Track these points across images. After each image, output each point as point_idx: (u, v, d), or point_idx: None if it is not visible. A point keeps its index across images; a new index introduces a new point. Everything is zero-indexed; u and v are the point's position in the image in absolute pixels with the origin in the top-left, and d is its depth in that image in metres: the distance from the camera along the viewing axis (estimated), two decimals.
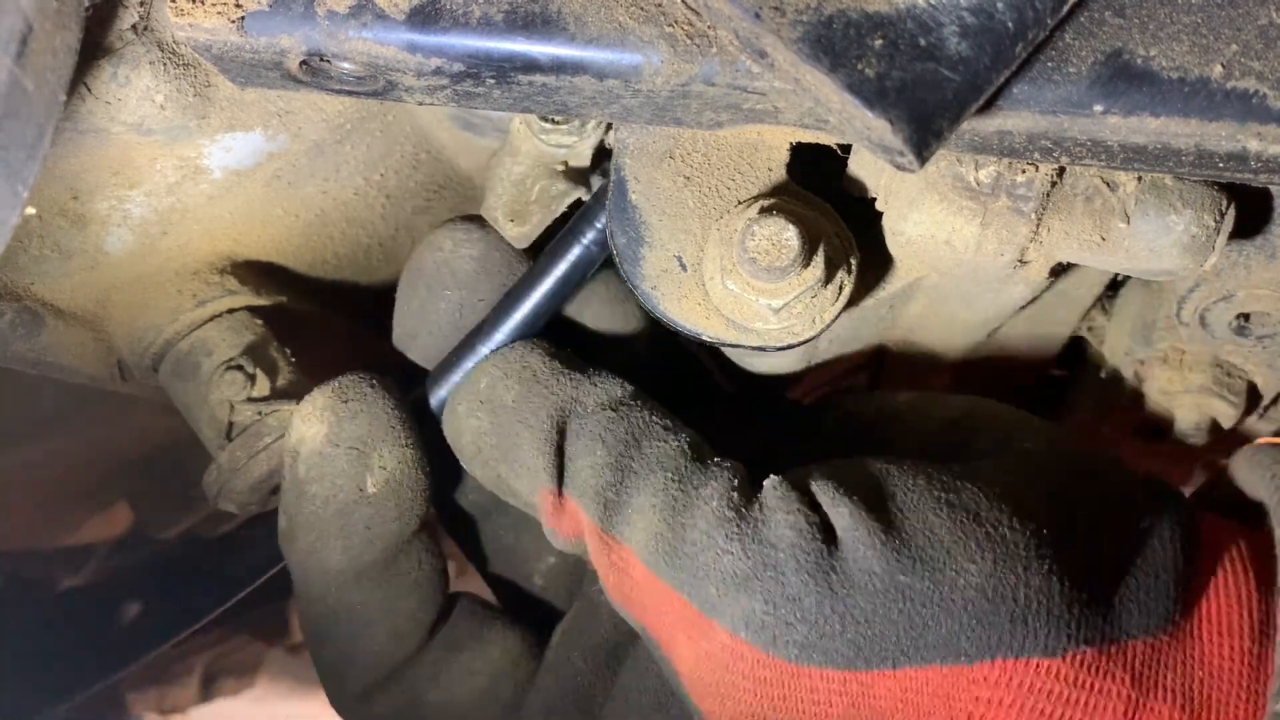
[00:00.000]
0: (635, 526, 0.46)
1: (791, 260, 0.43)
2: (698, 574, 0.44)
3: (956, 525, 0.43)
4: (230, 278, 0.57)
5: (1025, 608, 0.42)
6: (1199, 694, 0.42)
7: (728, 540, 0.44)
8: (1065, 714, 0.42)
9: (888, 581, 0.42)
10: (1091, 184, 0.45)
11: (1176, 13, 0.38)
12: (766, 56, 0.37)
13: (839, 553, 0.43)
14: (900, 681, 0.42)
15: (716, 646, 0.43)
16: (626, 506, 0.46)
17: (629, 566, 0.46)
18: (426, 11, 0.40)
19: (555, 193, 0.52)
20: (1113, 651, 0.42)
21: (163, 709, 1.10)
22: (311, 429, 0.51)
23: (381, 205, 0.60)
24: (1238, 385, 0.61)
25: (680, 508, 0.45)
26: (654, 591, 0.45)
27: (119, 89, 0.44)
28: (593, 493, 0.47)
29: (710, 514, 0.44)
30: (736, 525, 0.44)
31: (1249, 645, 0.43)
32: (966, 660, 0.42)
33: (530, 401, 0.50)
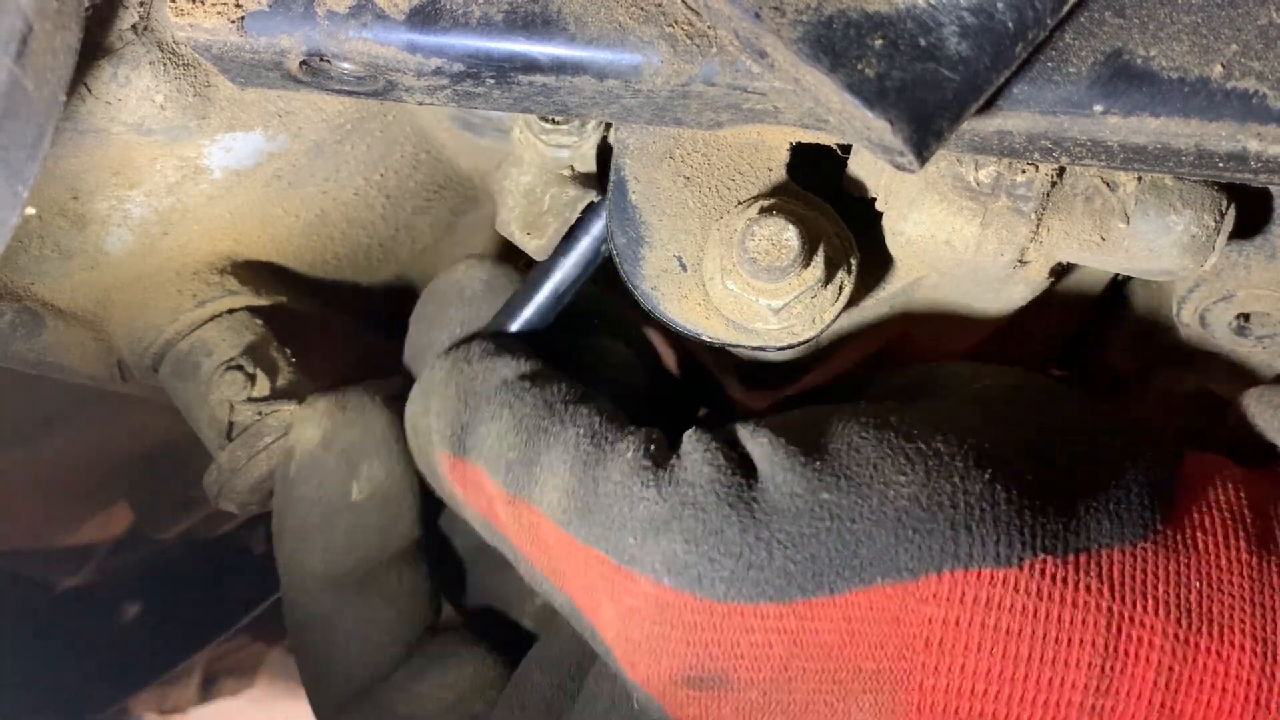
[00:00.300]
0: (545, 486, 0.43)
1: (791, 260, 0.43)
2: (613, 525, 0.41)
3: (883, 444, 0.41)
4: (230, 278, 0.57)
5: (968, 514, 0.39)
6: (1198, 607, 0.38)
7: (644, 487, 0.41)
8: (1035, 630, 0.38)
9: (811, 500, 0.39)
10: (1091, 184, 0.45)
11: (1176, 13, 0.38)
12: (766, 56, 0.37)
13: (759, 483, 0.41)
14: (840, 608, 0.39)
15: (640, 599, 0.41)
16: (534, 465, 0.44)
17: (541, 530, 0.44)
18: (426, 11, 0.40)
19: (567, 199, 0.52)
20: (1081, 561, 0.38)
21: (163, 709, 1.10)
22: (307, 432, 0.52)
23: (381, 205, 0.60)
24: (1238, 386, 0.60)
25: (593, 462, 0.43)
26: (570, 553, 0.42)
27: (119, 89, 0.44)
28: (494, 454, 0.45)
29: (625, 465, 0.42)
30: (653, 472, 0.41)
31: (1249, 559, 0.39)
32: (909, 575, 0.38)
33: (452, 378, 0.49)
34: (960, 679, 0.38)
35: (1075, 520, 0.39)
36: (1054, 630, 0.38)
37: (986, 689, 0.38)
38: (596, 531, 0.42)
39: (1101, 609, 0.38)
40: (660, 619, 0.40)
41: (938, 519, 0.39)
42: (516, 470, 0.44)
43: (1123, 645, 0.38)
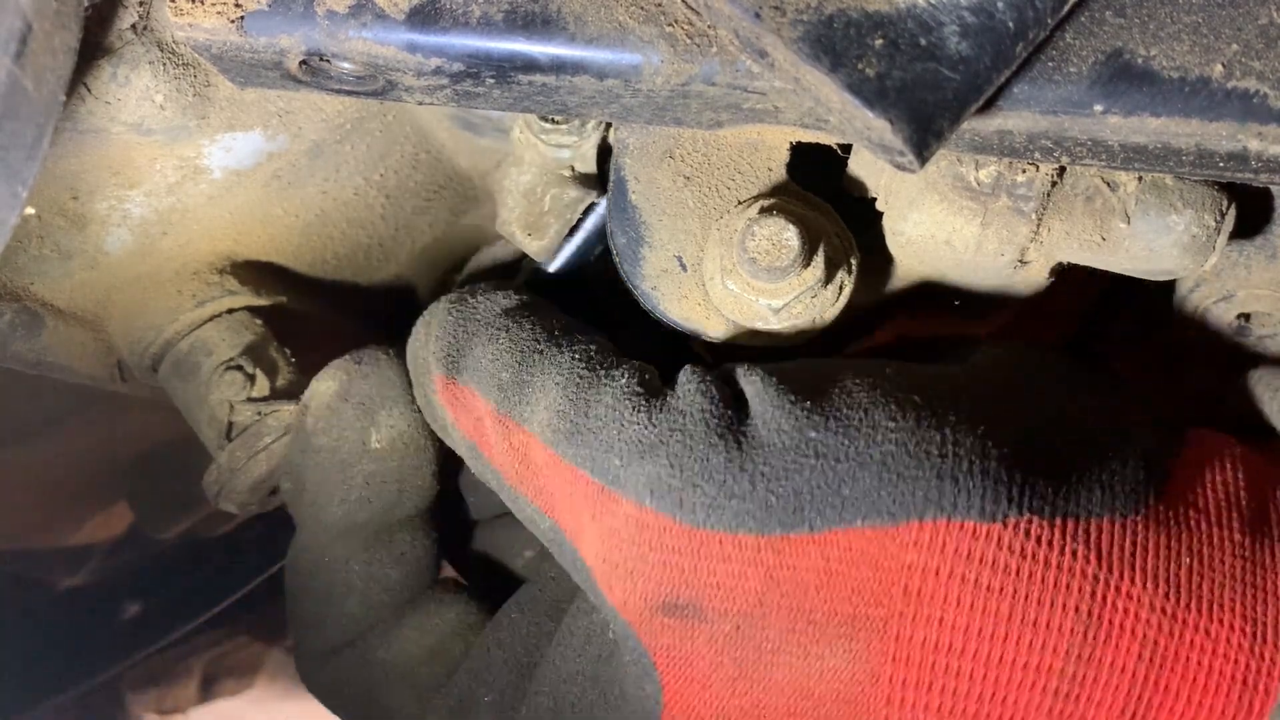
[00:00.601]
0: (536, 406, 0.43)
1: (791, 260, 0.43)
2: (600, 447, 0.41)
3: (876, 389, 0.40)
4: (230, 278, 0.57)
5: (955, 464, 0.38)
6: (1188, 583, 0.37)
7: (635, 412, 0.41)
8: (1016, 589, 0.37)
9: (798, 437, 0.39)
10: (1092, 184, 0.45)
11: (1177, 12, 0.38)
12: (767, 56, 0.37)
13: (749, 418, 0.41)
14: (820, 547, 0.38)
15: (621, 520, 0.41)
16: (527, 387, 0.44)
17: (530, 450, 0.44)
18: (426, 11, 0.40)
19: (568, 200, 0.52)
20: (1069, 526, 0.38)
21: (163, 709, 1.10)
22: (324, 385, 0.52)
23: (381, 205, 0.60)
24: None
25: (586, 386, 0.42)
26: (557, 473, 0.43)
27: (118, 89, 0.44)
28: (488, 375, 0.45)
29: (618, 389, 0.42)
30: (645, 399, 0.42)
31: (1241, 539, 0.39)
32: (890, 519, 0.38)
33: (452, 311, 0.48)
34: (938, 632, 0.38)
35: (1066, 486, 0.39)
36: (1036, 591, 0.37)
37: (964, 645, 0.38)
38: (584, 452, 0.41)
39: (1087, 575, 0.37)
40: (639, 540, 0.40)
41: (924, 466, 0.38)
42: (509, 390, 0.44)
43: (1107, 614, 0.37)
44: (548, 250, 0.53)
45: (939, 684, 0.38)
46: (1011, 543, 0.37)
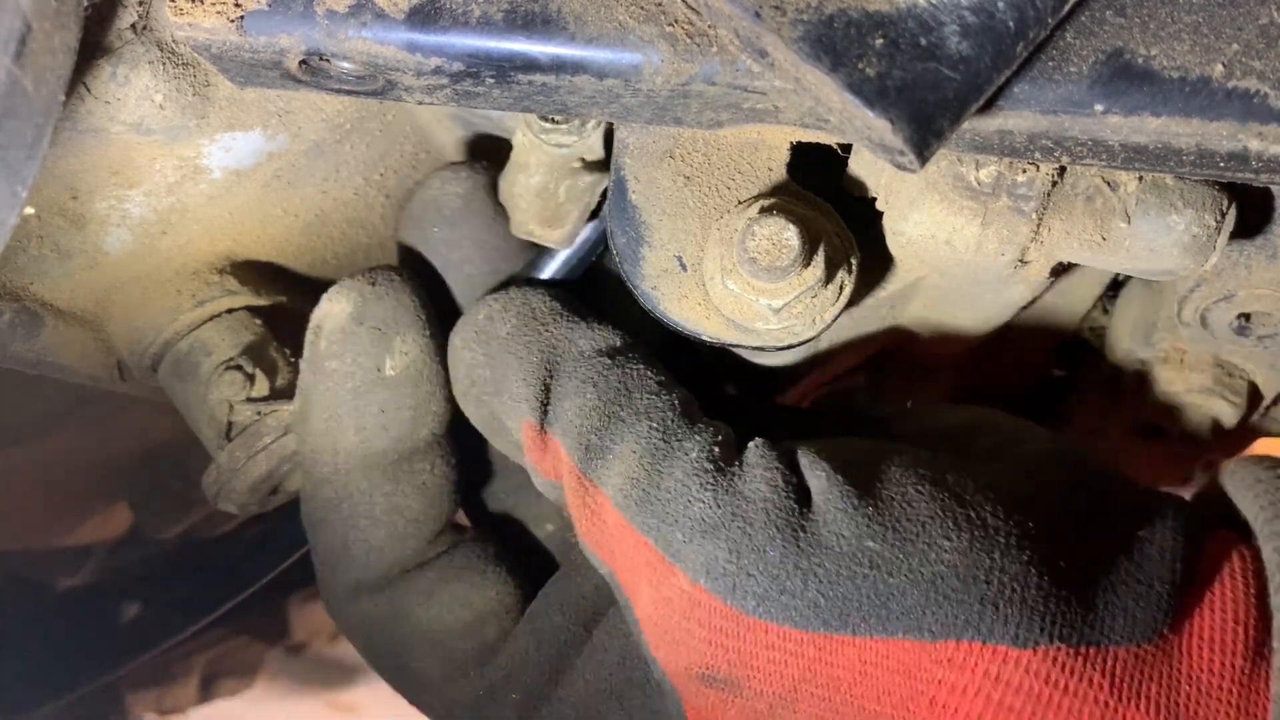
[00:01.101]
0: (613, 471, 0.45)
1: (792, 260, 0.43)
2: (667, 520, 0.43)
3: (936, 503, 0.42)
4: (230, 278, 0.57)
5: (998, 592, 0.40)
6: (1184, 710, 0.40)
7: (701, 489, 0.43)
8: (1035, 712, 0.40)
9: (855, 545, 0.41)
10: (1092, 184, 0.45)
11: (1178, 12, 0.38)
12: (767, 56, 0.37)
13: (811, 513, 0.42)
14: (860, 651, 0.41)
15: (676, 592, 0.43)
16: (608, 452, 0.45)
17: (603, 510, 0.45)
18: (426, 11, 0.40)
19: (584, 185, 0.51)
20: (1091, 654, 0.40)
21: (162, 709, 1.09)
22: (337, 306, 0.51)
23: (381, 205, 0.60)
24: (1239, 385, 0.60)
25: (660, 457, 0.44)
26: (624, 537, 0.44)
27: (118, 89, 0.44)
28: (576, 433, 0.46)
29: (689, 464, 0.44)
30: (713, 477, 0.43)
31: (1241, 664, 0.41)
32: (930, 637, 0.40)
33: (524, 336, 0.49)
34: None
35: (1094, 614, 0.41)
36: (1052, 715, 0.40)
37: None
38: (651, 522, 0.43)
39: (1099, 702, 0.40)
40: (690, 615, 0.42)
41: (970, 591, 0.40)
42: (593, 451, 0.46)
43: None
44: (569, 237, 0.52)
45: None
46: (1039, 669, 0.40)
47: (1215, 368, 0.60)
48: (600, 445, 0.46)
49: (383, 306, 0.51)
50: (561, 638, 0.51)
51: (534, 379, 0.48)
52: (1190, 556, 0.44)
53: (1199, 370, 0.60)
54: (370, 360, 0.51)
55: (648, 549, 0.43)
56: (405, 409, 0.51)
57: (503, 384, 0.49)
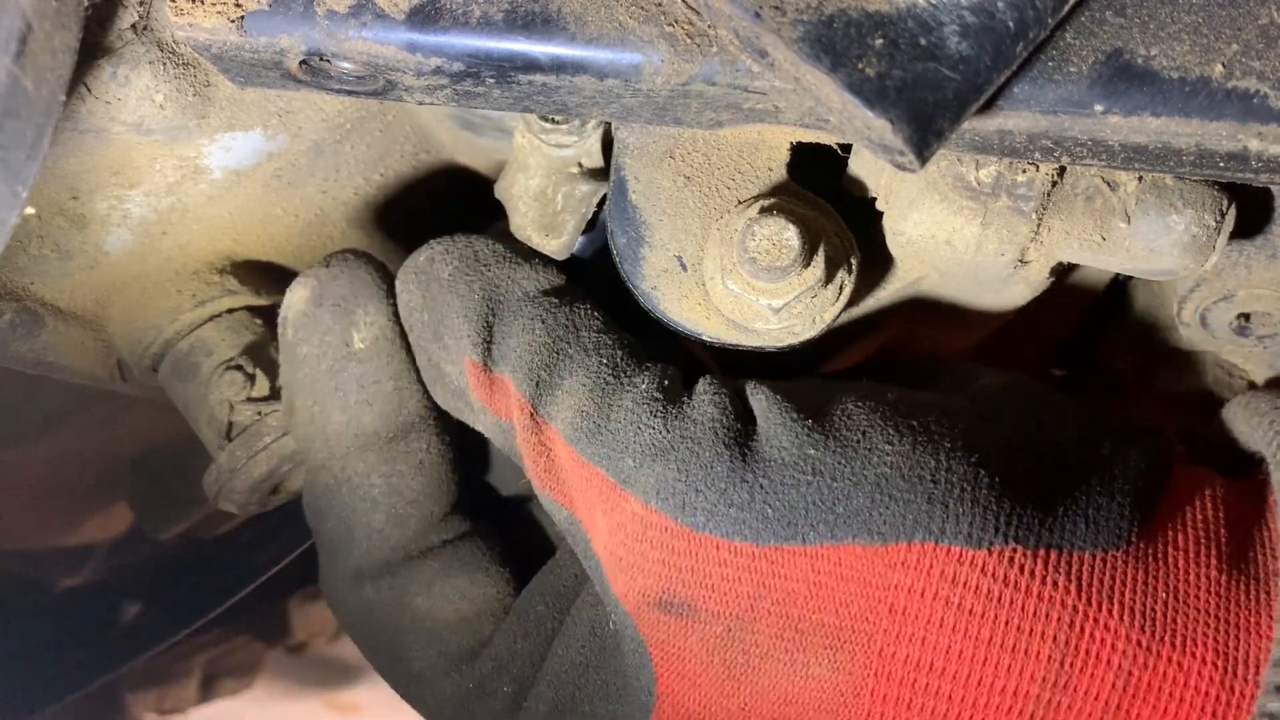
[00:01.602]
0: (563, 406, 0.45)
1: (792, 260, 0.43)
2: (617, 448, 0.43)
3: (876, 414, 0.42)
4: (230, 278, 0.57)
5: (946, 491, 0.40)
6: (1163, 617, 0.39)
7: (650, 416, 0.43)
8: (996, 615, 0.38)
9: (798, 454, 0.41)
10: (1092, 184, 0.45)
11: (1177, 12, 0.38)
12: (767, 56, 0.37)
13: (755, 431, 0.43)
14: (812, 560, 0.40)
15: (629, 517, 0.43)
16: (557, 388, 0.45)
17: (554, 446, 0.45)
18: (426, 11, 0.40)
19: (581, 195, 0.52)
20: (1053, 557, 0.39)
21: (162, 709, 1.10)
22: (297, 294, 0.51)
23: (381, 205, 0.60)
24: (1238, 385, 0.60)
25: (609, 390, 0.44)
26: (576, 470, 0.44)
27: (118, 89, 0.44)
28: (526, 369, 0.46)
29: (638, 395, 0.44)
30: (661, 405, 0.44)
31: (1219, 576, 0.40)
32: (880, 539, 0.40)
33: (465, 276, 0.48)
34: (920, 652, 0.39)
35: (1052, 519, 0.40)
36: (1016, 618, 0.39)
37: (944, 666, 0.39)
38: (602, 451, 0.43)
39: (1066, 605, 0.39)
40: (644, 537, 0.43)
41: (916, 490, 0.40)
42: (543, 387, 0.46)
43: (1084, 643, 0.38)
44: (566, 247, 0.52)
45: (918, 702, 0.40)
46: (995, 570, 0.39)
47: (1215, 368, 0.60)
48: (549, 381, 0.45)
49: (339, 284, 0.51)
50: (545, 625, 0.51)
51: (475, 316, 0.47)
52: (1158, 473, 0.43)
53: (1199, 370, 0.60)
54: (337, 337, 0.50)
55: (600, 479, 0.44)
56: (385, 380, 0.51)
57: (442, 325, 0.48)
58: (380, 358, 0.51)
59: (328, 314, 0.50)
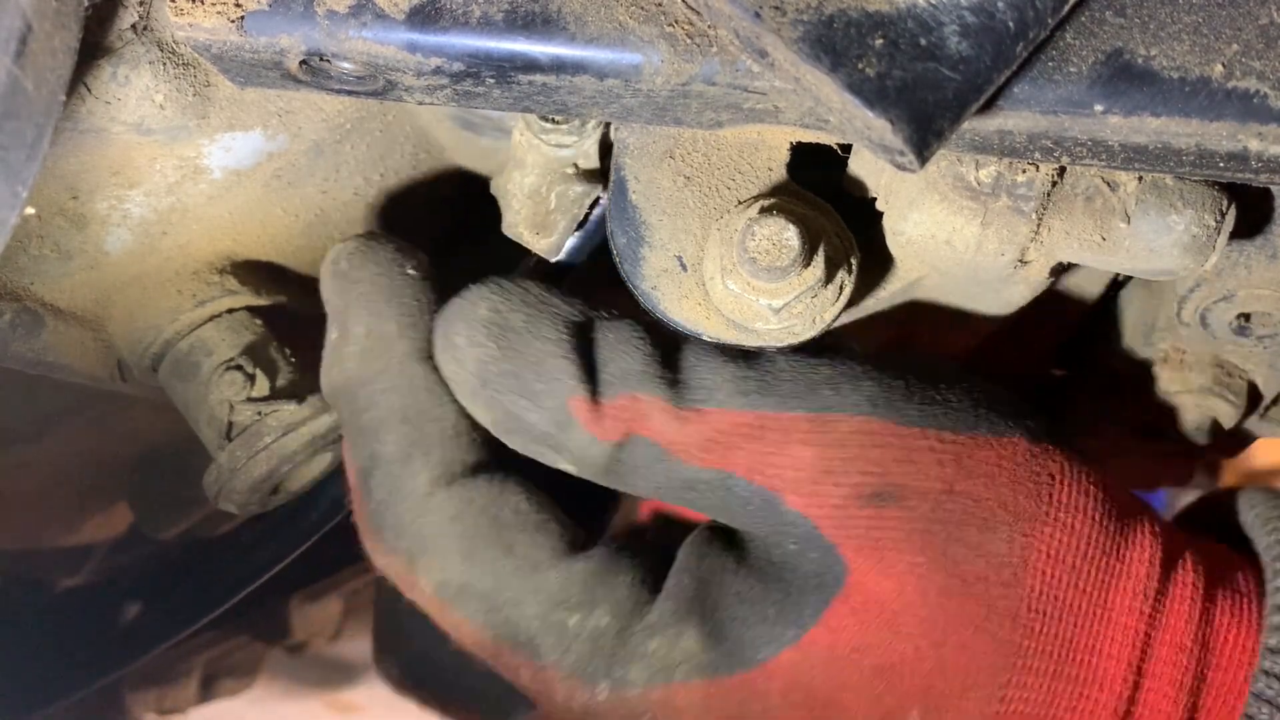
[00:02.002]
0: (713, 386, 0.47)
1: (792, 260, 0.43)
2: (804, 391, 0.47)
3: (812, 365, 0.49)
4: (230, 278, 0.57)
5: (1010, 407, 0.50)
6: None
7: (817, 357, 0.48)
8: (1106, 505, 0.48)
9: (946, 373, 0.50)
10: (1092, 184, 0.45)
11: (1177, 12, 0.38)
12: (767, 56, 0.37)
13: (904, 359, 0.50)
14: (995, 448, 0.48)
15: (844, 434, 0.47)
16: (692, 377, 0.47)
17: (718, 421, 0.47)
18: (426, 11, 0.40)
19: (574, 196, 0.52)
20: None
21: (162, 709, 1.09)
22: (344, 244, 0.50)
23: (382, 205, 0.60)
24: (1238, 385, 0.60)
25: (752, 355, 0.48)
26: (748, 429, 0.47)
27: (119, 89, 0.44)
28: (654, 378, 0.47)
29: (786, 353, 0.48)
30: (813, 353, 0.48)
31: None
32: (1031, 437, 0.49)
33: (543, 319, 0.48)
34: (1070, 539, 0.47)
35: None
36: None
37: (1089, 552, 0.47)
38: (786, 400, 0.47)
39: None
40: (866, 443, 0.47)
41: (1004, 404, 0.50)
42: (679, 386, 0.47)
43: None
44: (556, 247, 0.53)
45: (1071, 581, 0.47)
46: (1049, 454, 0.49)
47: (1215, 368, 0.60)
48: (682, 380, 0.47)
49: (389, 238, 0.51)
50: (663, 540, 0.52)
51: (572, 353, 0.47)
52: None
53: (1198, 370, 0.60)
54: (395, 265, 0.50)
55: (792, 420, 0.47)
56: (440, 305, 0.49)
57: (528, 372, 0.47)
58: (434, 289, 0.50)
59: (380, 248, 0.50)
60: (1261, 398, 0.62)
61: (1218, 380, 0.60)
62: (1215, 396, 0.60)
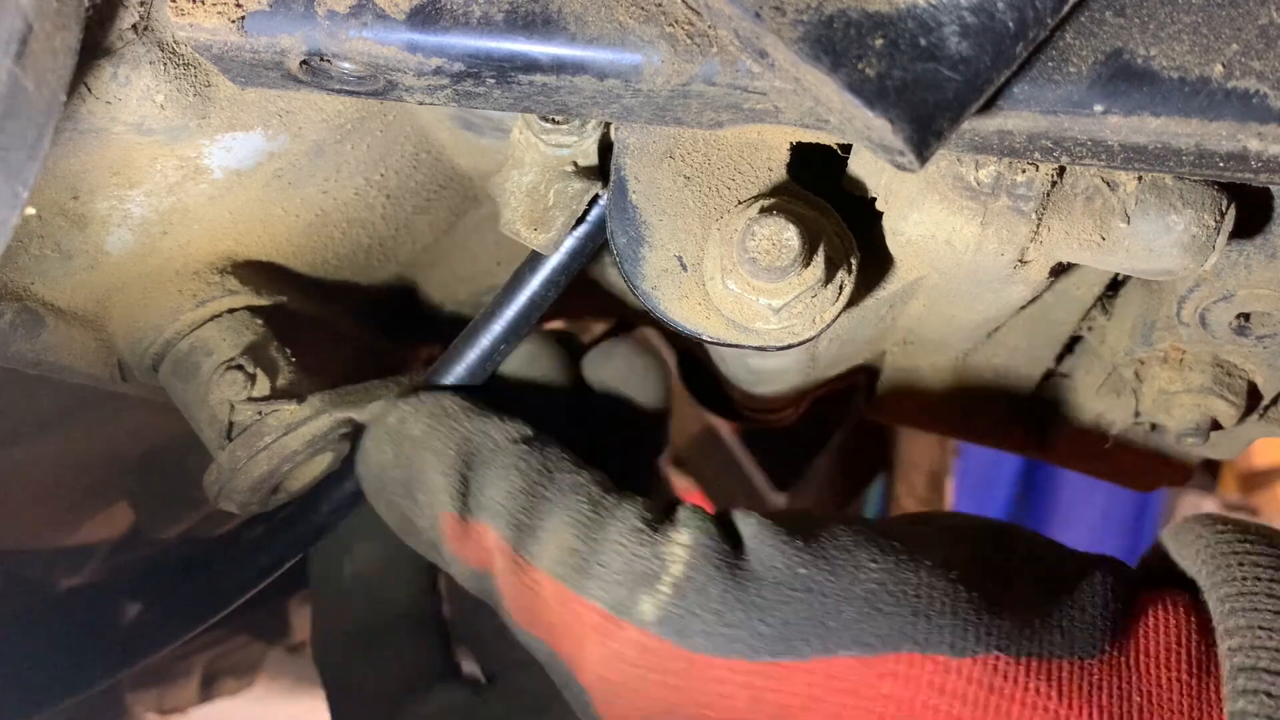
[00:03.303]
0: (548, 545, 0.47)
1: (792, 260, 0.43)
2: (609, 580, 0.45)
3: (859, 534, 0.45)
4: (230, 278, 0.57)
5: (929, 604, 0.42)
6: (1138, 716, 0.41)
7: (639, 545, 0.45)
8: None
9: (788, 573, 0.44)
10: (1091, 184, 0.45)
11: (1177, 12, 0.38)
12: (767, 56, 0.37)
13: (744, 553, 0.45)
14: (806, 675, 0.42)
15: (626, 644, 0.44)
16: (539, 529, 0.47)
17: (540, 586, 0.47)
18: (427, 11, 0.40)
19: (573, 193, 0.52)
20: (1033, 665, 0.41)
21: (163, 709, 1.09)
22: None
23: (382, 205, 0.60)
24: (1238, 385, 0.60)
25: (594, 525, 0.47)
26: (565, 605, 0.46)
27: (119, 89, 0.44)
28: (506, 515, 0.48)
29: (624, 527, 0.46)
30: (648, 534, 0.46)
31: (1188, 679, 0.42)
32: (870, 650, 0.42)
33: (438, 433, 0.51)
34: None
35: (1030, 629, 0.43)
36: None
37: None
38: (593, 585, 0.45)
39: (1048, 710, 0.40)
40: (641, 663, 0.44)
41: (902, 603, 0.43)
42: (525, 530, 0.48)
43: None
44: (553, 243, 0.53)
45: None
46: (980, 677, 0.41)
47: (1214, 367, 0.60)
48: (530, 524, 0.48)
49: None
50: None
51: (451, 471, 0.50)
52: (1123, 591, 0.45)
53: (1198, 370, 0.60)
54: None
55: (593, 611, 0.45)
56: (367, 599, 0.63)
57: (415, 482, 0.51)
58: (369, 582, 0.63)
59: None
60: (1261, 397, 0.62)
61: (1217, 380, 0.60)
62: (1215, 396, 0.60)
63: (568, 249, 0.54)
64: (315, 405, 0.55)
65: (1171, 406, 0.61)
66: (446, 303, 0.73)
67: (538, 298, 0.55)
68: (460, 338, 0.57)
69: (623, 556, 0.45)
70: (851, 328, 0.56)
